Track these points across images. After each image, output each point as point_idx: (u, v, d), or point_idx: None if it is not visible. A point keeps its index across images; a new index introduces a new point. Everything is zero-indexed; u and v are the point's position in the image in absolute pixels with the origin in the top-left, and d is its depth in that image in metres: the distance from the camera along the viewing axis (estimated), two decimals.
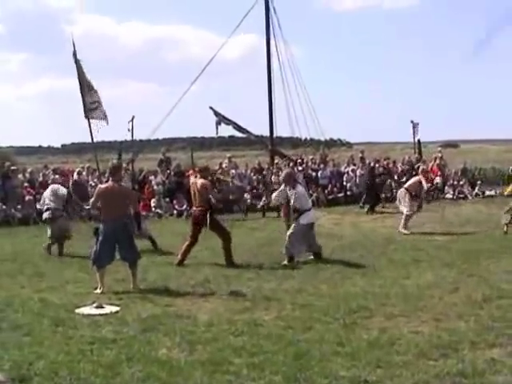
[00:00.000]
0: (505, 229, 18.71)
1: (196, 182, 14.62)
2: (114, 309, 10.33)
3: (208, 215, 14.45)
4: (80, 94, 16.67)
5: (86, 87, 16.88)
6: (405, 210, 19.72)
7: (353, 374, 6.99)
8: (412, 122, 34.74)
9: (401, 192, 20.54)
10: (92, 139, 16.85)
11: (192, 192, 14.72)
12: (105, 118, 17.93)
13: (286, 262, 14.33)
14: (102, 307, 10.32)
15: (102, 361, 7.64)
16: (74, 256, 15.85)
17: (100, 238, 11.90)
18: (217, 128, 30.67)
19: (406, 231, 19.18)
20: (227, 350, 7.94)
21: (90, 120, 16.71)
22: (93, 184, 25.27)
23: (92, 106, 16.87)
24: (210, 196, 14.58)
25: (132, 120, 28.63)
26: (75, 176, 26.38)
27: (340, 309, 9.89)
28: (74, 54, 16.46)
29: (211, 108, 30.55)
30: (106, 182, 13.14)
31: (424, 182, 20.14)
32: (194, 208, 14.79)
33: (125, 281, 12.24)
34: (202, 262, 14.52)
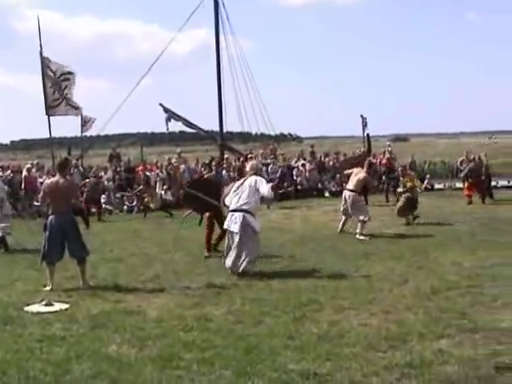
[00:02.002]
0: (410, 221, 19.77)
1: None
2: (64, 306, 10.23)
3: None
4: (43, 91, 16.98)
5: (48, 85, 17.15)
6: (361, 216, 17.78)
7: (302, 366, 7.02)
8: (361, 116, 35.04)
9: (351, 196, 18.09)
10: (50, 135, 17.07)
11: None
12: (70, 111, 18.35)
13: None
14: (52, 305, 10.21)
15: (52, 359, 7.57)
16: (23, 253, 15.68)
17: (47, 233, 11.77)
18: (167, 124, 30.53)
19: (364, 237, 17.27)
20: (177, 346, 7.93)
21: (51, 117, 17.00)
22: (42, 180, 25.07)
23: (53, 104, 17.12)
24: None
25: (82, 116, 28.57)
26: (24, 172, 26.23)
27: (290, 302, 9.94)
28: (40, 53, 16.61)
29: (161, 105, 30.40)
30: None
31: (363, 176, 18.39)
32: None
33: (74, 278, 12.12)
34: (152, 258, 14.48)
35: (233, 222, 12.71)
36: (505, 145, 69.29)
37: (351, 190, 18.29)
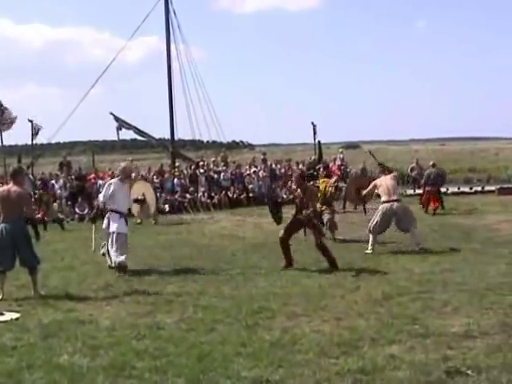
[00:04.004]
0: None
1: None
2: (15, 315, 10.10)
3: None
4: None
5: None
6: (413, 226, 16.66)
7: (255, 374, 7.02)
8: (312, 123, 35.18)
9: (400, 207, 16.57)
10: (2, 143, 17.83)
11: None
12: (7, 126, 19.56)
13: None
14: (2, 314, 10.10)
15: (2, 369, 7.47)
16: None
17: None
18: (118, 133, 30.61)
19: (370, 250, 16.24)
20: (129, 354, 7.86)
21: None
22: None
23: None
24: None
25: (32, 124, 28.41)
26: None
27: (242, 310, 9.94)
28: None
29: (112, 114, 30.41)
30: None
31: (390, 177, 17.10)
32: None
33: (25, 287, 11.97)
34: (104, 267, 14.35)
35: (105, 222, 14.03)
36: (454, 151, 70.05)
37: (397, 200, 16.72)
